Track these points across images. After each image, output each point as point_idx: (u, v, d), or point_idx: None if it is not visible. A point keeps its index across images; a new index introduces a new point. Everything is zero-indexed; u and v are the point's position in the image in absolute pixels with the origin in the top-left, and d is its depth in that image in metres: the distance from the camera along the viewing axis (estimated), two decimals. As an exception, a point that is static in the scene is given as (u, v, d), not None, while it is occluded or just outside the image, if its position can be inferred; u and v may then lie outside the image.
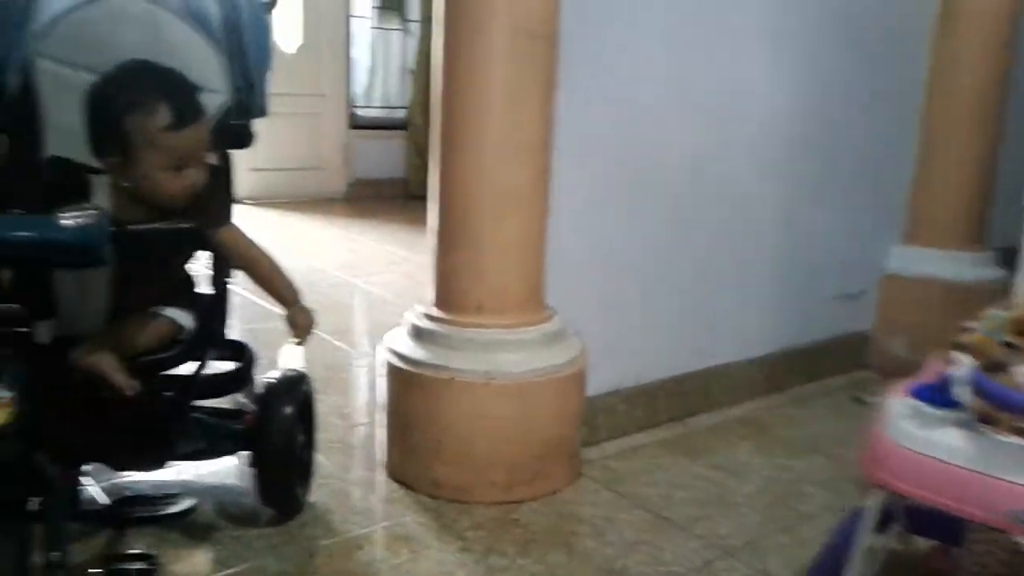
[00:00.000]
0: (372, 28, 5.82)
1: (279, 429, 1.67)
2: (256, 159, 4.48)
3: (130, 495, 1.75)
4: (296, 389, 1.74)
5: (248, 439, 1.68)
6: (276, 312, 1.59)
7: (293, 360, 2.05)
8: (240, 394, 1.75)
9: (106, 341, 1.37)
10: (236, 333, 1.80)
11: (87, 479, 1.57)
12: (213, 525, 1.72)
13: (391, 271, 4.00)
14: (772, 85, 2.41)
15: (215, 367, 1.60)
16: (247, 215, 2.77)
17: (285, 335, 1.59)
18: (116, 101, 1.33)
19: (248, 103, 1.56)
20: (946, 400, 1.18)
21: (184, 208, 1.40)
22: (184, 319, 1.49)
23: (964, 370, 1.16)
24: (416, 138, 5.80)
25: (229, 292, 1.62)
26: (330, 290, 3.63)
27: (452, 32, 1.80)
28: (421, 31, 5.71)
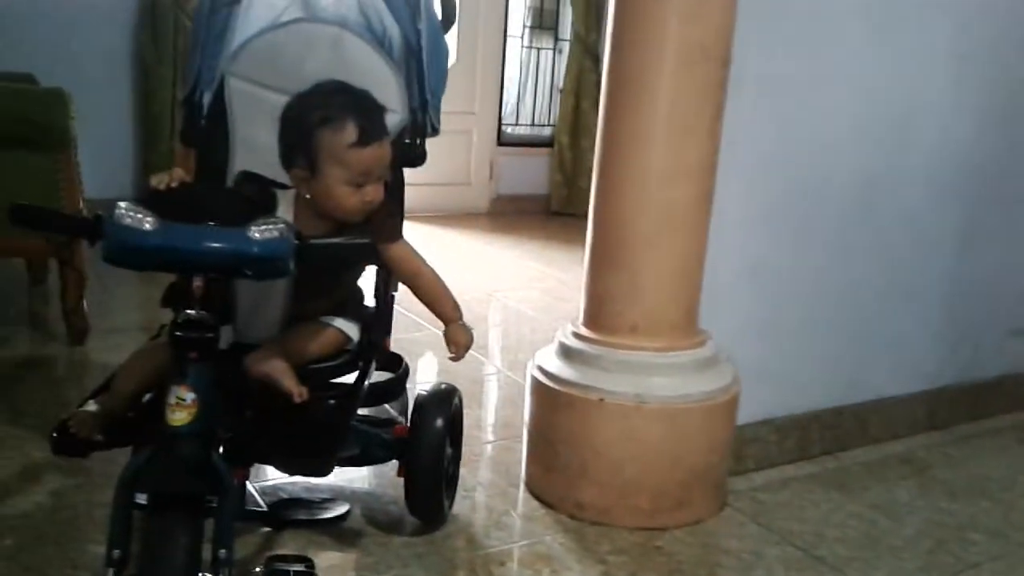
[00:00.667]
0: (524, 48, 5.90)
1: (430, 441, 1.70)
2: (407, 174, 4.60)
3: (285, 497, 1.83)
4: (448, 402, 1.77)
5: (398, 448, 1.72)
6: (421, 323, 1.63)
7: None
8: (390, 404, 1.80)
9: (279, 348, 1.44)
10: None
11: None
12: (360, 530, 1.77)
13: (532, 287, 4.03)
14: (952, 108, 2.30)
15: (372, 377, 1.65)
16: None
17: (427, 347, 1.62)
18: (310, 116, 1.41)
19: (422, 122, 1.61)
20: None
21: (359, 223, 1.46)
22: (351, 330, 1.56)
23: None
24: (561, 156, 5.84)
25: (392, 306, 1.67)
26: (472, 304, 3.69)
27: (619, 51, 1.79)
28: (570, 51, 5.75)
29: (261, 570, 1.30)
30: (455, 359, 1.58)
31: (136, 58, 4.36)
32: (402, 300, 1.72)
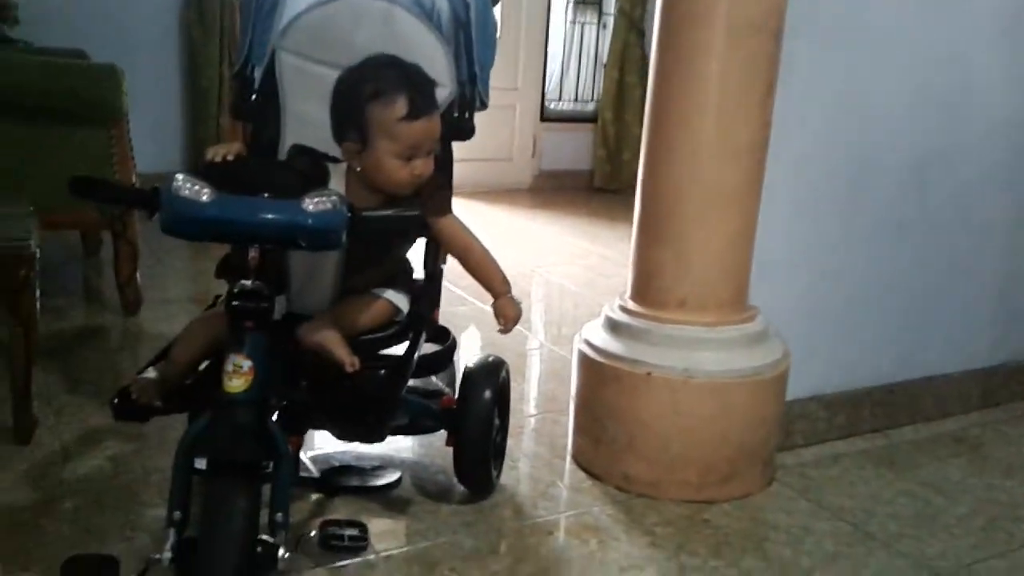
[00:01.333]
0: (568, 22, 5.85)
1: (479, 412, 1.71)
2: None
3: (337, 465, 1.86)
4: (496, 374, 1.78)
5: (446, 419, 1.74)
6: (465, 297, 1.63)
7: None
8: (436, 376, 1.82)
9: (331, 319, 1.46)
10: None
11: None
12: (410, 498, 1.79)
13: (575, 263, 4.02)
14: (1007, 85, 2.24)
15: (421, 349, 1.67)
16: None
17: (471, 321, 1.63)
18: (361, 90, 1.43)
19: (471, 96, 1.61)
20: None
21: (409, 196, 1.47)
22: (401, 302, 1.57)
23: None
24: (605, 131, 5.80)
25: (441, 279, 1.68)
26: (515, 280, 3.67)
27: (667, 24, 1.78)
28: (615, 25, 5.69)
29: (316, 534, 1.33)
30: (504, 332, 1.59)
31: (184, 35, 4.41)
32: (446, 274, 1.73)
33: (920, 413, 2.32)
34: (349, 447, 1.95)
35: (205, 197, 1.16)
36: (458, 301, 2.86)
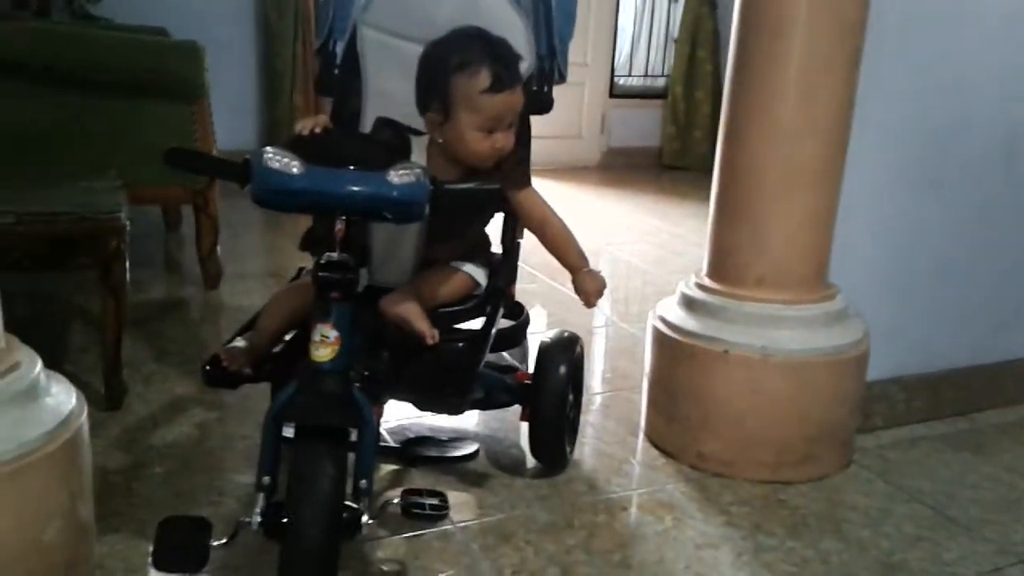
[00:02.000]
0: (640, -3, 5.79)
1: (554, 387, 1.72)
2: (519, 126, 4.59)
3: (413, 436, 1.89)
4: (571, 349, 1.79)
5: (521, 394, 1.75)
6: (535, 274, 1.63)
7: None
8: (509, 351, 1.83)
9: (412, 291, 1.48)
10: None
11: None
12: (485, 471, 1.81)
13: (644, 241, 3.99)
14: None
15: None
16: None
17: (539, 298, 1.63)
18: (447, 61, 1.43)
19: (550, 69, 1.61)
20: None
21: (489, 170, 1.47)
22: (480, 275, 1.58)
23: None
24: (675, 107, 5.72)
25: (519, 253, 1.69)
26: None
27: (749, -4, 1.75)
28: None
29: (398, 502, 1.35)
30: (589, 306, 1.59)
31: (259, 14, 4.48)
32: (516, 252, 1.73)
33: (1002, 397, 2.26)
34: (424, 419, 1.98)
35: (295, 169, 1.18)
36: (529, 278, 2.87)
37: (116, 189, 2.08)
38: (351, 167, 1.22)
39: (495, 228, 1.69)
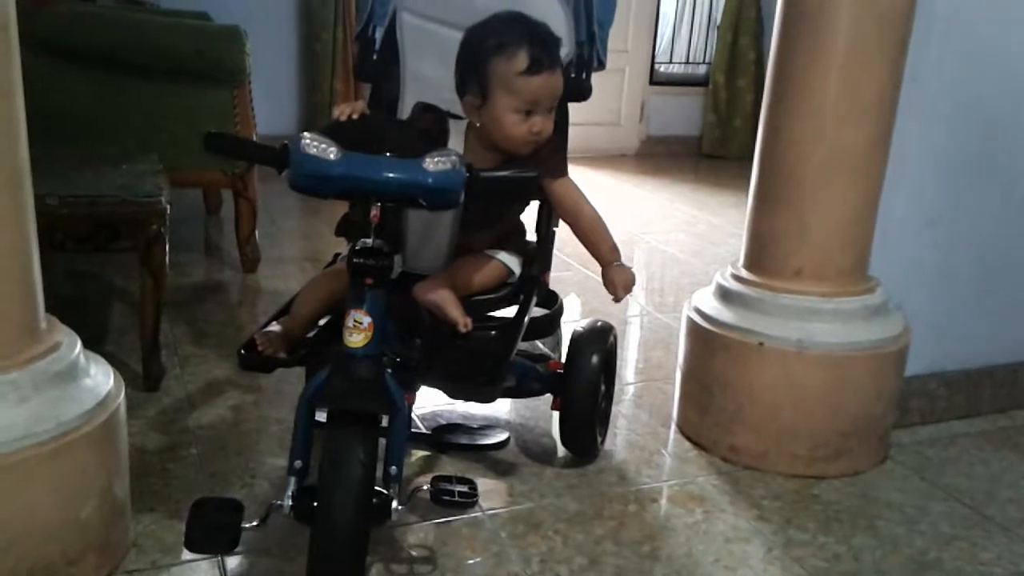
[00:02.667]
0: (681, -18, 5.72)
1: (586, 377, 1.72)
2: (557, 113, 4.57)
3: (445, 423, 1.90)
4: (603, 339, 1.78)
5: (553, 383, 1.75)
6: (569, 263, 1.62)
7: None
8: (542, 340, 1.83)
9: (446, 278, 1.48)
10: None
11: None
12: (515, 460, 1.81)
13: (681, 230, 3.96)
14: None
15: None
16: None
17: (574, 287, 1.61)
18: (485, 43, 1.44)
19: (589, 56, 1.60)
20: None
21: (526, 157, 1.47)
22: (513, 264, 1.58)
23: None
24: (716, 95, 5.66)
25: (553, 242, 1.69)
26: (621, 246, 3.64)
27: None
28: (729, -17, 5.53)
29: (428, 488, 1.36)
30: (617, 300, 1.58)
31: (300, -1, 4.50)
32: (551, 240, 1.72)
33: (1047, 395, 2.21)
34: (455, 406, 1.98)
35: (332, 155, 1.18)
36: (563, 266, 2.86)
37: (157, 173, 2.11)
38: (387, 153, 1.22)
39: (530, 216, 1.68)
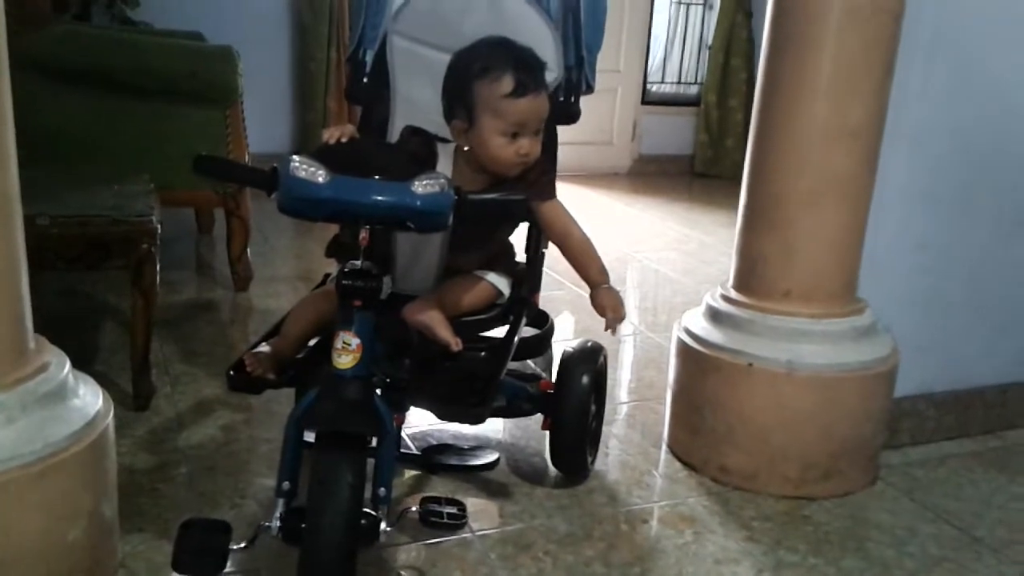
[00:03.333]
0: (672, 3, 5.75)
1: (576, 397, 1.72)
2: (550, 132, 4.59)
3: (435, 444, 1.90)
4: (594, 359, 1.78)
5: (543, 402, 1.75)
6: (562, 282, 1.62)
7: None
8: (533, 360, 1.83)
9: (435, 300, 1.49)
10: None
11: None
12: (505, 480, 1.81)
13: (674, 249, 3.97)
14: None
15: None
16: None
17: (567, 306, 1.61)
18: (471, 67, 1.45)
19: (577, 80, 1.61)
20: None
21: (514, 180, 1.48)
22: (503, 285, 1.59)
23: None
24: (708, 115, 5.69)
25: (543, 263, 1.69)
26: (612, 265, 3.64)
27: (782, 2, 1.73)
28: (721, 5, 5.57)
29: (416, 509, 1.36)
30: (611, 332, 1.57)
31: (294, 18, 4.52)
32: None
33: (1036, 416, 2.22)
34: (446, 426, 1.98)
35: (320, 178, 1.19)
36: (555, 285, 2.87)
37: (148, 192, 2.11)
38: (376, 177, 1.23)
39: (520, 237, 1.69)
